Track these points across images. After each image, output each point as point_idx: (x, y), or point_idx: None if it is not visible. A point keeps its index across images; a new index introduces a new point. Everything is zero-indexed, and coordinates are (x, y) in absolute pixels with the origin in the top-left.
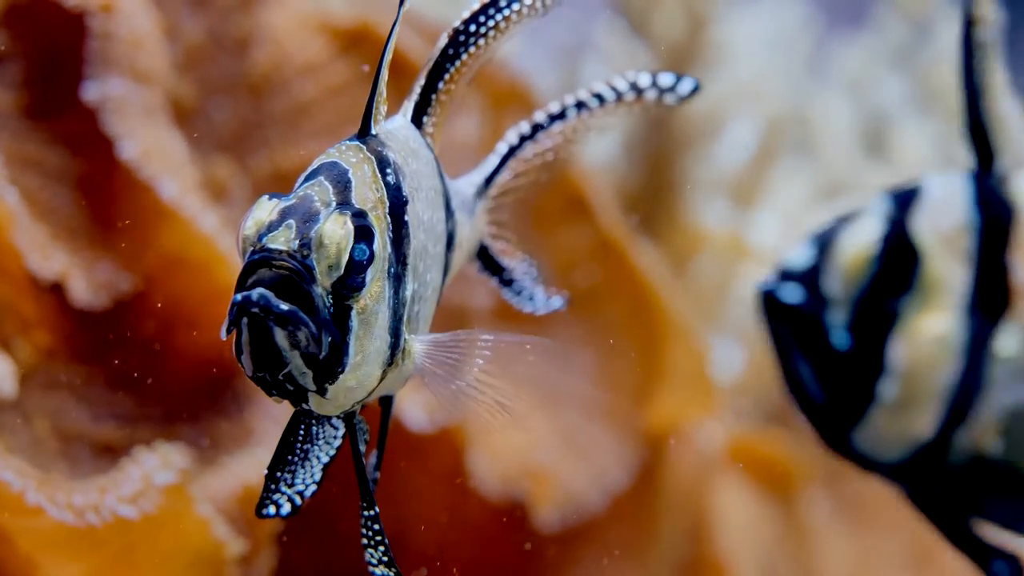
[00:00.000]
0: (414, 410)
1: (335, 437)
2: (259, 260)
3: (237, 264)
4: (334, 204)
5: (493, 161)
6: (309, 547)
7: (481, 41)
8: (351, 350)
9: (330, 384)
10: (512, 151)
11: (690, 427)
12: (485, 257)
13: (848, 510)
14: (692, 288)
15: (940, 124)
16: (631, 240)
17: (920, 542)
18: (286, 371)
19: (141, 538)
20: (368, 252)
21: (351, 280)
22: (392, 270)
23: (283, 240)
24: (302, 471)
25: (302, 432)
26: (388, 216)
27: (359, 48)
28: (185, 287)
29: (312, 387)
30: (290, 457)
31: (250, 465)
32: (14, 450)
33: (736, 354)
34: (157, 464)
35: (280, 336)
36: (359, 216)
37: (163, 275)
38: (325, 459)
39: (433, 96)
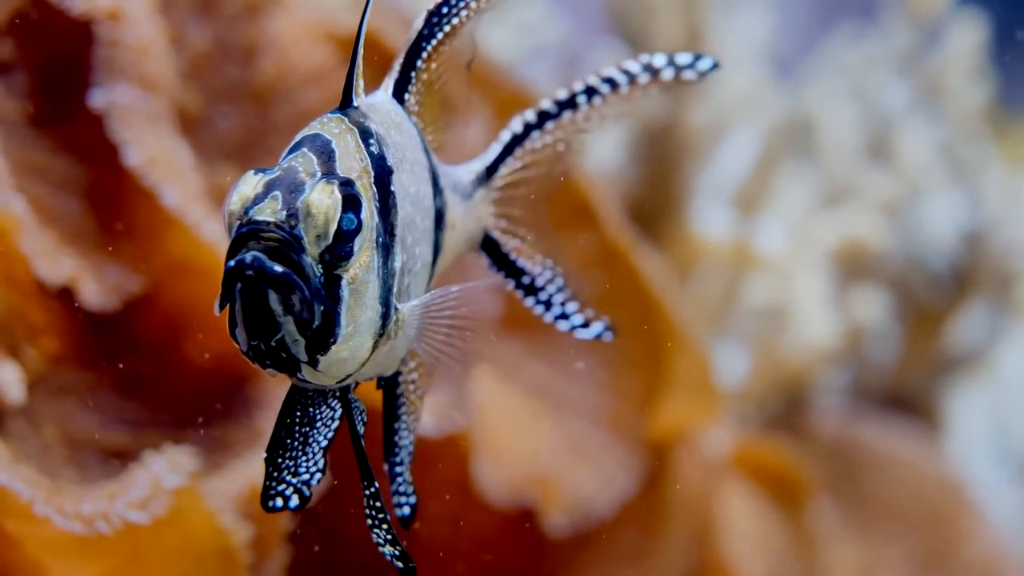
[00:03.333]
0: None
1: (332, 419)
2: (247, 233)
3: (225, 243)
4: (319, 174)
5: (496, 149)
6: (321, 545)
7: (455, 20)
8: (342, 320)
9: (322, 355)
10: (518, 140)
11: (696, 434)
12: (496, 253)
13: (853, 515)
14: (696, 294)
15: (946, 129)
16: (636, 248)
17: (926, 546)
18: (279, 336)
19: (151, 541)
20: (356, 221)
21: (340, 249)
22: (380, 240)
23: (269, 212)
24: (304, 457)
25: (299, 414)
26: (374, 186)
27: (368, 57)
28: (190, 293)
29: (304, 357)
30: (289, 441)
31: (259, 467)
32: (22, 457)
33: (740, 360)
34: (165, 467)
35: (274, 300)
36: (346, 185)
37: (169, 281)
38: (324, 442)
39: (413, 74)
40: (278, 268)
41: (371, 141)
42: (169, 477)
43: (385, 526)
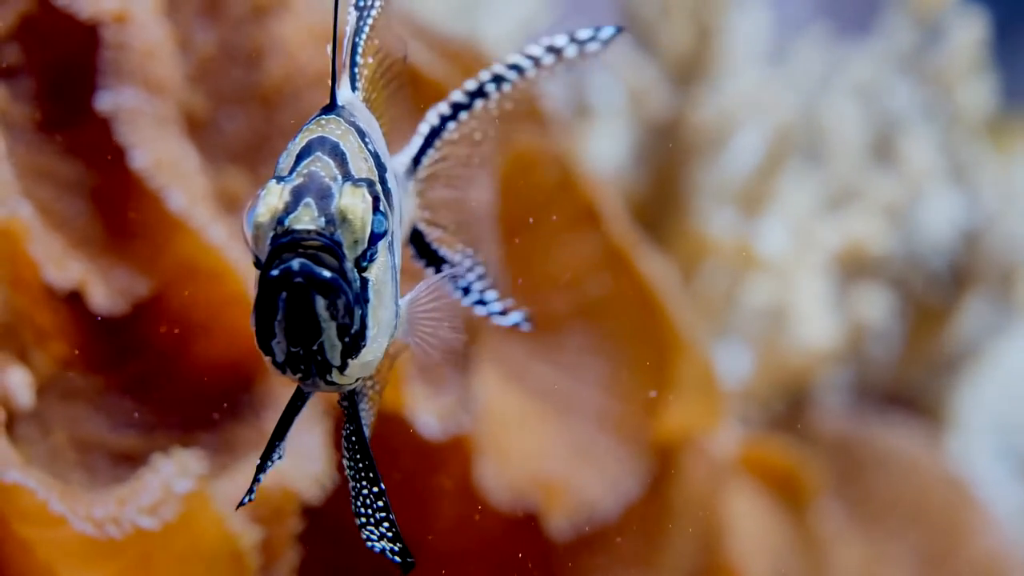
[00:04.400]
0: (426, 417)
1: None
2: (288, 243)
3: (246, 259)
4: (340, 178)
5: (417, 141)
6: (330, 547)
7: (375, 11)
8: (370, 322)
9: (353, 359)
10: (436, 131)
11: (701, 436)
12: (420, 244)
13: (857, 513)
14: (699, 294)
15: (947, 127)
16: (641, 250)
17: (929, 543)
18: (319, 341)
19: (161, 545)
20: (385, 223)
21: (370, 252)
22: (390, 240)
23: (308, 219)
24: (275, 452)
25: (293, 418)
26: (380, 184)
27: None
28: (197, 295)
29: (338, 362)
30: (278, 443)
31: (269, 470)
32: (32, 461)
33: (743, 360)
34: (175, 471)
35: (321, 305)
36: (371, 186)
37: (177, 283)
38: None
39: (356, 70)
40: (327, 274)
41: (366, 140)
42: (179, 482)
43: (387, 524)
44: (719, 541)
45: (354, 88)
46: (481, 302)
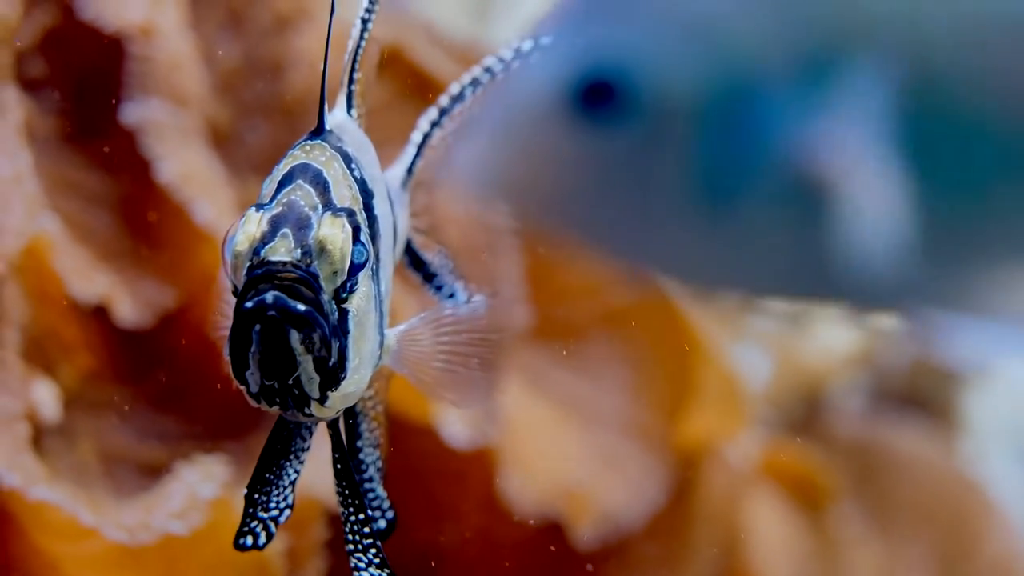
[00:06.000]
0: (454, 427)
1: (303, 450)
2: (263, 275)
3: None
4: (320, 207)
5: (411, 151)
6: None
7: (369, 27)
8: (350, 354)
9: (332, 391)
10: (426, 138)
11: (723, 442)
12: (409, 251)
13: (873, 517)
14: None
15: None
16: None
17: (946, 546)
18: (295, 375)
19: (187, 554)
20: (366, 253)
21: (349, 283)
22: (374, 268)
23: (284, 251)
24: (276, 491)
25: (279, 446)
26: (363, 212)
27: (391, 70)
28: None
29: (316, 395)
30: (268, 475)
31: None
32: (59, 474)
33: (761, 365)
34: (200, 477)
35: (295, 339)
36: (351, 216)
37: (202, 295)
38: (294, 476)
39: (352, 87)
40: (301, 307)
41: (352, 166)
42: (204, 487)
43: (373, 550)
44: (740, 547)
45: (350, 108)
46: (452, 295)
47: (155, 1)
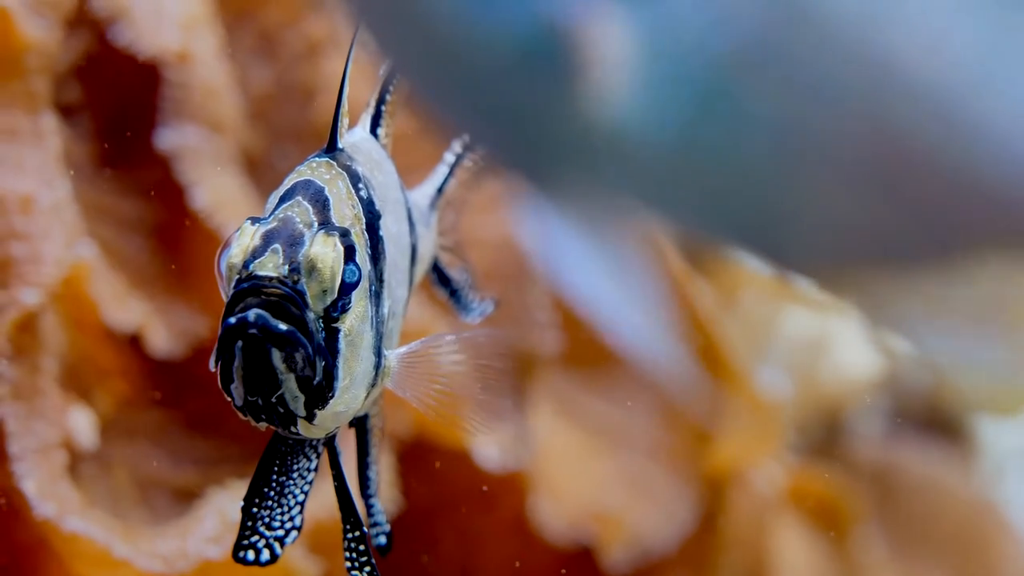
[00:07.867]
0: (487, 450)
1: (309, 470)
2: (248, 289)
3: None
4: (316, 225)
5: (443, 171)
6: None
7: None
8: (339, 374)
9: (319, 410)
10: (459, 159)
11: (752, 465)
12: (436, 269)
13: (894, 540)
14: (738, 323)
15: None
16: (691, 280)
17: (965, 569)
18: (279, 394)
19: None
20: (358, 273)
21: (340, 302)
22: (373, 288)
23: (271, 266)
24: (279, 510)
25: (278, 463)
26: (365, 232)
27: None
28: None
29: (302, 413)
30: (266, 490)
31: (320, 499)
32: (95, 501)
33: (783, 388)
34: (232, 501)
35: (277, 358)
36: (345, 236)
37: None
38: (301, 497)
39: (383, 108)
40: (282, 326)
41: (360, 185)
42: (235, 509)
43: (368, 568)
44: (767, 572)
45: (376, 128)
46: (466, 307)
47: (190, 27)
